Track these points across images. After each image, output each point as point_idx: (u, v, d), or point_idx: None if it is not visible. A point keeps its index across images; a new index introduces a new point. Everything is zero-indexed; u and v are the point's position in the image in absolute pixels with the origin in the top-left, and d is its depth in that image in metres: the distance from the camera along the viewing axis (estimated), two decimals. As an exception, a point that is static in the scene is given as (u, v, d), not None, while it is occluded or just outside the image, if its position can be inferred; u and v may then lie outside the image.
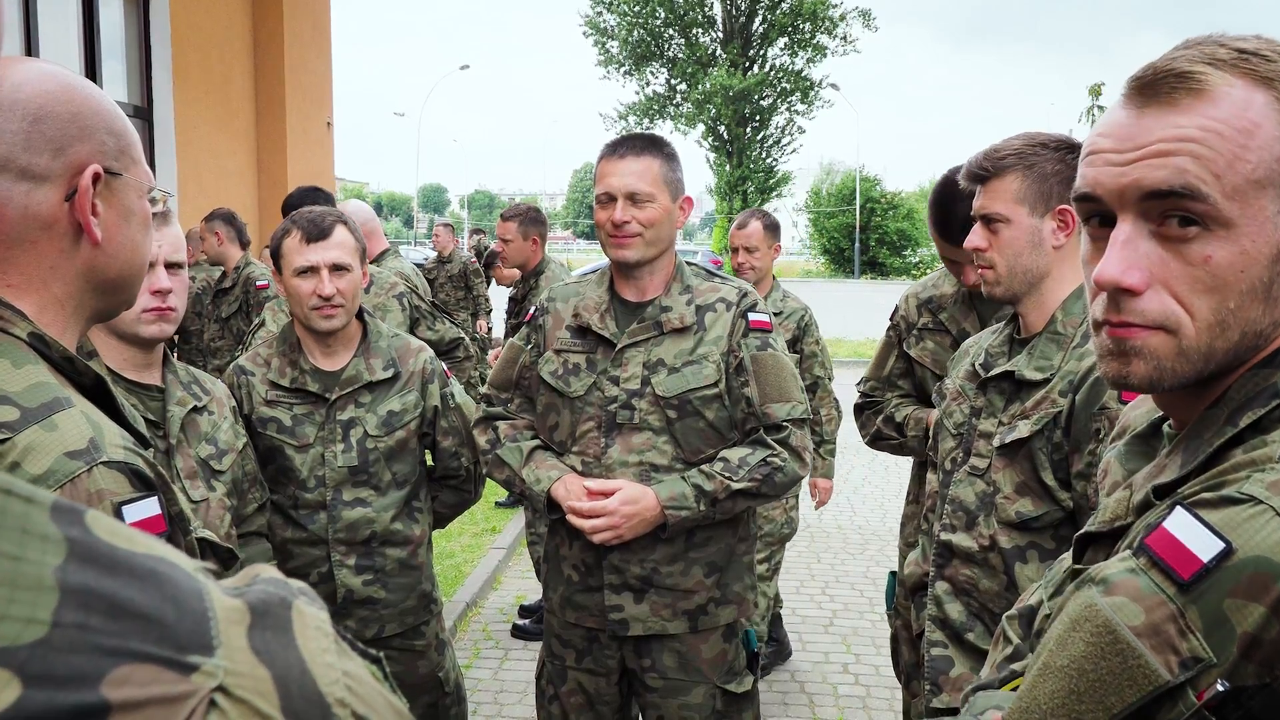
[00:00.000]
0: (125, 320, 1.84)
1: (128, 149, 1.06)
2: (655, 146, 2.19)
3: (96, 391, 1.03)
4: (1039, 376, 1.76)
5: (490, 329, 8.85)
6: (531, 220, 4.76)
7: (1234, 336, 0.81)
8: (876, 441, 2.78)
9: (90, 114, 1.02)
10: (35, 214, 0.98)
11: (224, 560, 1.42)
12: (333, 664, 0.37)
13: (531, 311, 2.33)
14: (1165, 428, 0.97)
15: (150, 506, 1.01)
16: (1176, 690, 0.70)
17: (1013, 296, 1.85)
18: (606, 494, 2.08)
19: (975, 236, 1.86)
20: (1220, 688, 0.68)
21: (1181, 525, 0.73)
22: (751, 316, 2.17)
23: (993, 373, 1.83)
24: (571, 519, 2.10)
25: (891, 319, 2.77)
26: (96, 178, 1.00)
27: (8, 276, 0.99)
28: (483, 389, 2.40)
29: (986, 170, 1.82)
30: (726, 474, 2.10)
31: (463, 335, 3.93)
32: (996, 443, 1.79)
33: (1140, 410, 1.07)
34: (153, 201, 1.13)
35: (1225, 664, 0.69)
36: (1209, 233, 0.80)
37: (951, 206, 2.33)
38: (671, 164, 2.19)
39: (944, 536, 1.86)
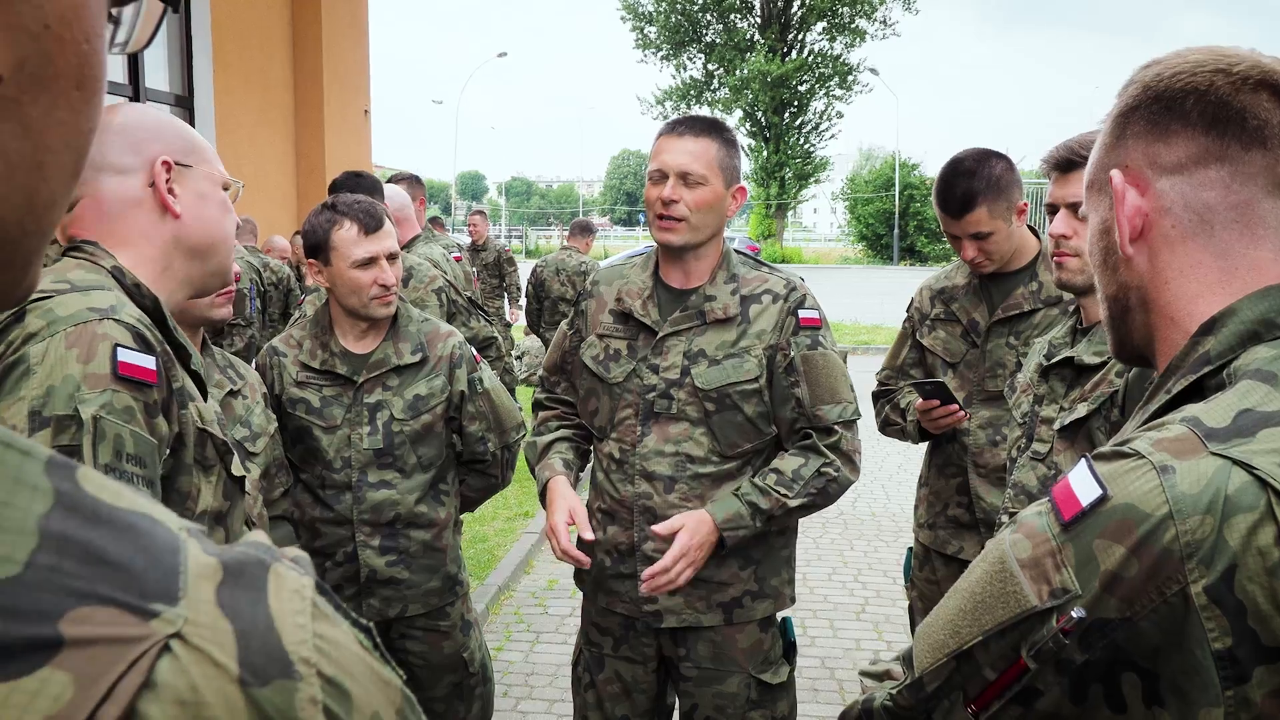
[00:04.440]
0: (199, 305, 1.94)
1: (195, 150, 1.41)
2: (716, 130, 2.14)
3: (156, 317, 1.32)
4: (1097, 360, 1.82)
5: (519, 318, 8.88)
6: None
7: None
8: (885, 427, 2.83)
9: (160, 126, 1.39)
10: (124, 196, 1.35)
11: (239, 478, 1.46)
12: (304, 625, 0.38)
13: (577, 295, 2.32)
14: None
15: (146, 360, 1.24)
16: (1044, 614, 0.79)
17: (1094, 285, 1.86)
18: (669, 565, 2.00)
19: (1060, 224, 1.87)
20: (1075, 615, 0.77)
21: (1079, 475, 0.82)
22: (802, 313, 2.13)
23: (1053, 360, 1.88)
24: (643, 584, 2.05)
25: (907, 309, 2.81)
26: (167, 166, 1.36)
27: (113, 237, 1.36)
28: (539, 373, 2.45)
29: (1078, 157, 1.84)
30: (781, 489, 2.05)
31: (496, 335, 3.94)
32: (1057, 425, 1.84)
33: None
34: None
35: (1088, 596, 0.77)
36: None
37: (954, 181, 2.44)
38: (730, 150, 2.13)
39: (1006, 520, 1.89)
